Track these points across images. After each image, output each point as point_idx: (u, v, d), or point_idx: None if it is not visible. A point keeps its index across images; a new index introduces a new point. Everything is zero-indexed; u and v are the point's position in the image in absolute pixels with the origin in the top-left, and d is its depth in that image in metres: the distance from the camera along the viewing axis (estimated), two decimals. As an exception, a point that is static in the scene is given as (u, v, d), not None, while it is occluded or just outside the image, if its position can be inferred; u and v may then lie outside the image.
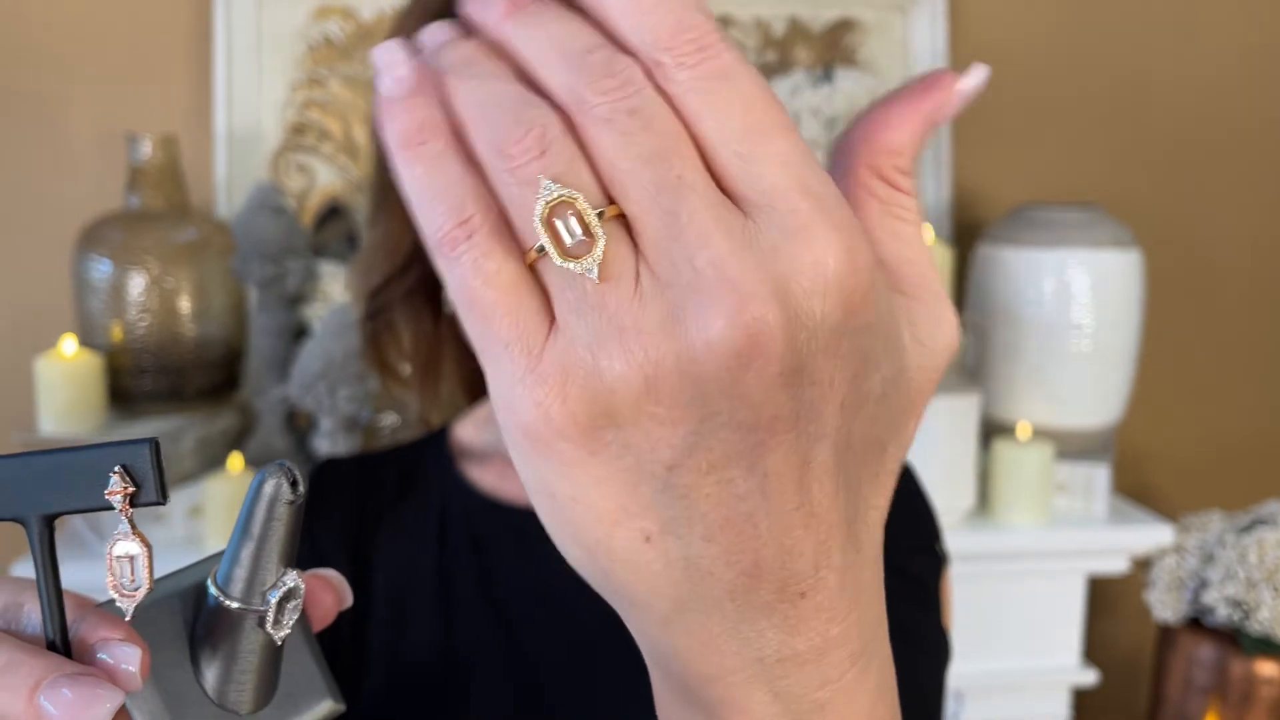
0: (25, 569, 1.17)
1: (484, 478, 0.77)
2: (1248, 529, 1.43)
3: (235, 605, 0.32)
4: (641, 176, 0.24)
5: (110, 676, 0.29)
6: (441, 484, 0.78)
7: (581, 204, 0.25)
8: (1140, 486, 1.70)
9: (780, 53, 1.53)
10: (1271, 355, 1.74)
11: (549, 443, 0.25)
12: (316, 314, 1.42)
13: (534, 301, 0.26)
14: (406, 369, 0.83)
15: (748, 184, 0.25)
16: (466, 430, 0.81)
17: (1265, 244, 1.72)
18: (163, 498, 0.29)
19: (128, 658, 0.30)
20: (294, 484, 0.31)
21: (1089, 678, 1.38)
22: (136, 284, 1.28)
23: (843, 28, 1.54)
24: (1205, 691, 1.42)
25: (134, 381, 1.30)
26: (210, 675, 0.33)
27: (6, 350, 1.42)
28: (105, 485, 0.29)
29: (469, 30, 0.28)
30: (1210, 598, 1.40)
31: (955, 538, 0.80)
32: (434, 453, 0.80)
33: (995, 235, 1.42)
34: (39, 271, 1.43)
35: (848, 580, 0.28)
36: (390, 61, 0.27)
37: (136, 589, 0.29)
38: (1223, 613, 1.39)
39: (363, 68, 1.46)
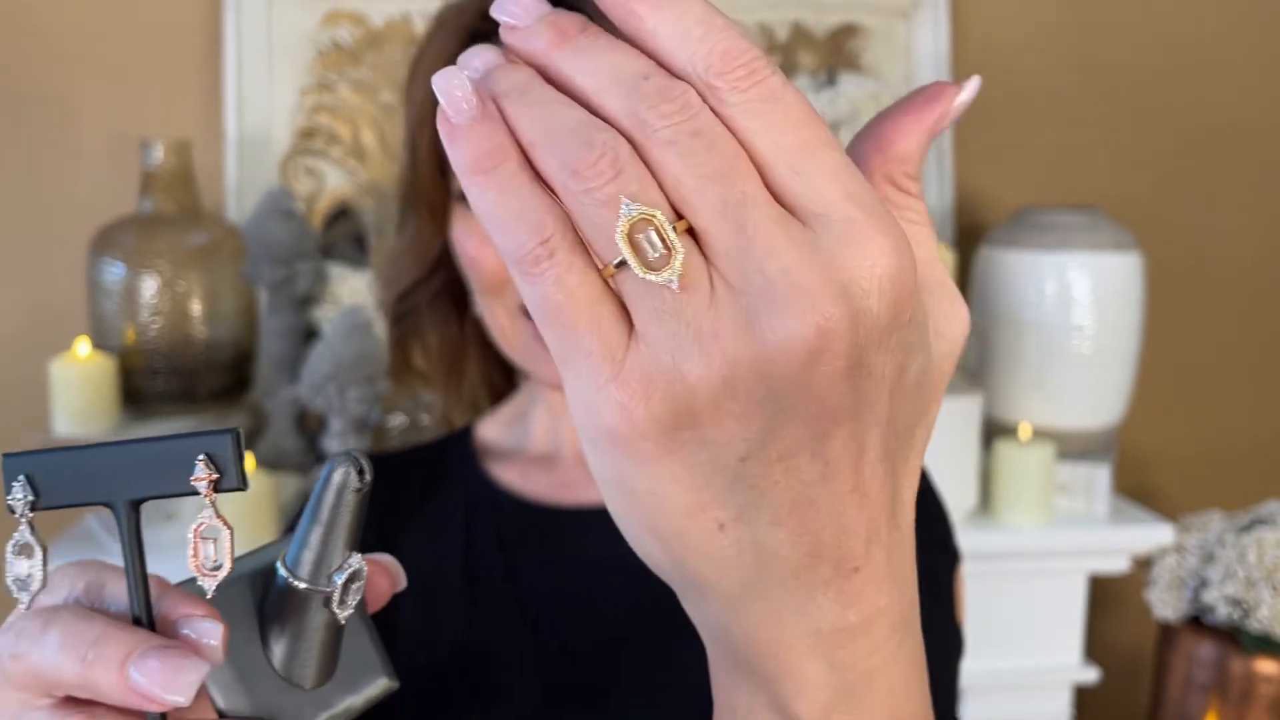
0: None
1: (508, 476, 0.78)
2: (1247, 528, 1.44)
3: (303, 586, 0.34)
4: (709, 194, 0.26)
5: (194, 650, 0.31)
6: (467, 482, 0.78)
7: (660, 220, 0.26)
8: (1141, 486, 1.71)
9: (784, 58, 1.55)
10: (1271, 356, 1.76)
11: (631, 442, 0.27)
12: (326, 316, 1.43)
13: (613, 312, 0.27)
14: (429, 370, 0.84)
15: (804, 196, 0.27)
16: (490, 430, 0.82)
17: (1265, 246, 1.73)
18: (244, 484, 0.31)
19: (210, 632, 0.32)
20: (361, 473, 0.33)
21: (1090, 676, 1.39)
22: (149, 287, 1.30)
23: (846, 33, 1.56)
24: (1206, 689, 1.43)
25: (146, 383, 1.31)
26: (278, 651, 0.35)
27: (22, 352, 1.43)
28: (190, 472, 0.30)
29: (513, 57, 0.29)
30: (1210, 596, 1.41)
31: (958, 537, 0.82)
32: (458, 452, 0.81)
33: (997, 238, 1.43)
34: (53, 275, 1.44)
35: (893, 555, 0.30)
36: (451, 88, 0.28)
37: (218, 568, 0.31)
38: (1223, 611, 1.40)
39: (371, 73, 1.48)
